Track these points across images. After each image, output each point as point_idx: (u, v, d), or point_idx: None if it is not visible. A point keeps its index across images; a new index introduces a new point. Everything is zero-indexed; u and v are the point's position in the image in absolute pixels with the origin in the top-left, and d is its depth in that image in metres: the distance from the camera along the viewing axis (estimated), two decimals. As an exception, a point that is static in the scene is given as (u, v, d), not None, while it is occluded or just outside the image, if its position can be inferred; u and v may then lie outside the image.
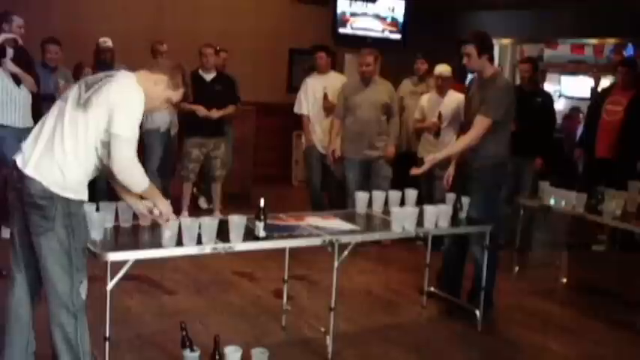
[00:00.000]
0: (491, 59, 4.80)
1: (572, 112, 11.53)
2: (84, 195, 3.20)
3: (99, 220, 3.48)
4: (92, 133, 3.11)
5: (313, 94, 7.06)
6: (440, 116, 6.40)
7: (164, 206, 3.42)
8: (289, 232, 3.94)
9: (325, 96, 6.91)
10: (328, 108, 6.84)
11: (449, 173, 5.02)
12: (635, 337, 4.79)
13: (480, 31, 4.88)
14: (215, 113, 7.07)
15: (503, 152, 4.79)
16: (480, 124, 4.61)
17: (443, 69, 6.50)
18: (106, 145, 3.13)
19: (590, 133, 7.10)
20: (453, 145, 4.84)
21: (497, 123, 4.62)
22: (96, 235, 3.46)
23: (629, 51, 10.88)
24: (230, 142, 7.83)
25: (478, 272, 4.78)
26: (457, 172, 4.96)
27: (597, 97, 7.65)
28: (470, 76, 5.80)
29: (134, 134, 3.16)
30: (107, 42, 7.27)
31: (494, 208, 4.84)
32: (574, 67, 13.62)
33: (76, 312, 3.21)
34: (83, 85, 3.17)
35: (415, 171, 4.79)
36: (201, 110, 6.97)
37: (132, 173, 3.22)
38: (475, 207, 4.65)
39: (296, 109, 7.19)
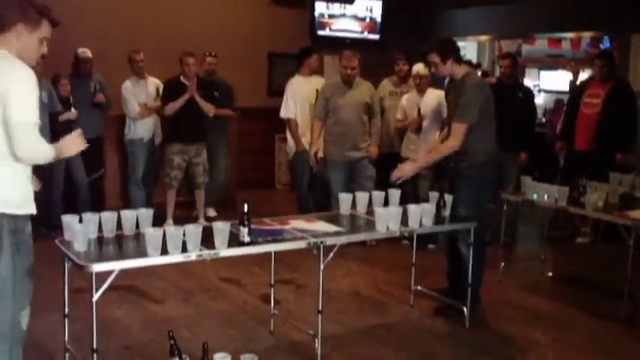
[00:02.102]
0: (458, 61, 4.80)
1: (558, 106, 11.58)
2: (30, 208, 2.95)
3: (82, 232, 3.46)
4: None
5: (301, 97, 7.00)
6: (419, 112, 6.43)
7: (67, 146, 3.11)
8: (274, 237, 3.93)
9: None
10: None
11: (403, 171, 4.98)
12: (622, 327, 4.82)
13: (441, 38, 4.93)
14: (211, 109, 7.11)
15: (491, 150, 4.82)
16: (457, 130, 4.66)
17: (420, 68, 6.52)
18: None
19: (570, 126, 7.16)
20: (435, 152, 4.84)
21: (477, 122, 4.65)
22: (80, 246, 3.44)
23: (605, 44, 10.99)
24: (225, 147, 7.82)
25: (464, 269, 4.80)
26: (439, 171, 4.98)
27: (576, 90, 7.71)
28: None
29: (36, 115, 2.86)
30: (86, 52, 7.23)
31: (483, 207, 4.89)
32: (552, 62, 13.74)
33: (11, 346, 2.93)
34: None
35: (398, 174, 4.80)
36: (206, 107, 7.08)
37: (39, 156, 2.92)
38: (464, 206, 4.69)
39: (282, 114, 7.07)
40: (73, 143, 3.14)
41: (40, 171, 3.20)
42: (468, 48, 13.38)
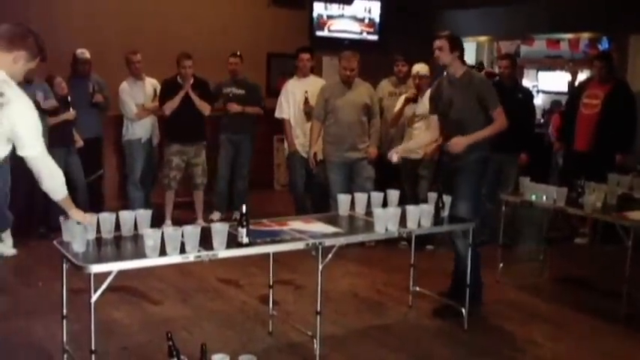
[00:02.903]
0: (461, 58, 4.91)
1: (554, 106, 11.61)
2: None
3: (80, 232, 3.46)
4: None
5: (294, 98, 7.04)
6: (418, 85, 6.45)
7: (79, 216, 3.47)
8: (272, 238, 3.93)
9: (306, 100, 6.91)
10: (309, 112, 6.82)
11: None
12: (621, 327, 4.82)
13: (452, 33, 4.96)
14: (206, 107, 7.18)
15: (486, 145, 4.90)
16: (500, 112, 4.85)
17: (420, 68, 6.52)
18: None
19: (569, 127, 7.16)
20: (486, 130, 4.83)
21: (477, 117, 4.78)
22: (78, 247, 3.44)
23: (603, 44, 11.00)
24: (250, 144, 7.91)
25: (462, 269, 4.81)
26: (438, 172, 5.00)
27: (575, 91, 7.71)
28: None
29: (42, 143, 3.19)
30: (85, 53, 7.24)
31: (480, 203, 4.95)
32: (550, 63, 13.76)
33: None
34: None
35: (452, 149, 4.84)
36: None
37: (56, 180, 3.28)
38: (465, 202, 4.74)
39: (277, 114, 7.17)
40: (81, 215, 3.49)
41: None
42: (467, 49, 13.39)
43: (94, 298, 3.26)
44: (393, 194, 4.69)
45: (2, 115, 2.98)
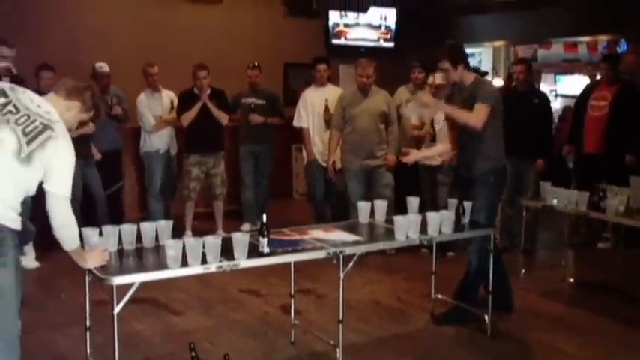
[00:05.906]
0: (467, 67, 4.86)
1: (566, 113, 11.52)
2: (19, 224, 3.12)
3: (99, 245, 3.51)
4: (32, 186, 3.14)
5: (312, 107, 7.05)
6: (432, 122, 6.40)
7: (92, 261, 3.37)
8: (293, 247, 3.93)
9: (327, 108, 6.91)
10: (329, 120, 6.81)
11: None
12: (646, 333, 4.78)
13: (449, 44, 4.91)
14: (224, 118, 7.20)
15: (501, 155, 4.86)
16: (481, 110, 4.64)
17: (436, 77, 6.47)
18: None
19: (578, 130, 7.12)
20: (461, 113, 4.70)
21: (492, 125, 4.69)
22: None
23: (622, 47, 10.91)
24: (269, 154, 7.95)
25: (473, 276, 4.85)
26: (456, 179, 5.00)
27: (582, 94, 7.64)
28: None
29: (70, 189, 3.21)
30: (104, 67, 7.29)
31: (496, 211, 4.90)
32: (568, 66, 13.68)
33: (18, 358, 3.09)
34: (20, 131, 3.01)
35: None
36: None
37: (70, 230, 3.21)
38: (482, 212, 4.71)
39: (295, 123, 7.18)
40: (96, 258, 3.39)
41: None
42: (484, 54, 13.36)
43: (117, 309, 3.27)
44: (414, 201, 4.68)
45: (49, 144, 3.07)
